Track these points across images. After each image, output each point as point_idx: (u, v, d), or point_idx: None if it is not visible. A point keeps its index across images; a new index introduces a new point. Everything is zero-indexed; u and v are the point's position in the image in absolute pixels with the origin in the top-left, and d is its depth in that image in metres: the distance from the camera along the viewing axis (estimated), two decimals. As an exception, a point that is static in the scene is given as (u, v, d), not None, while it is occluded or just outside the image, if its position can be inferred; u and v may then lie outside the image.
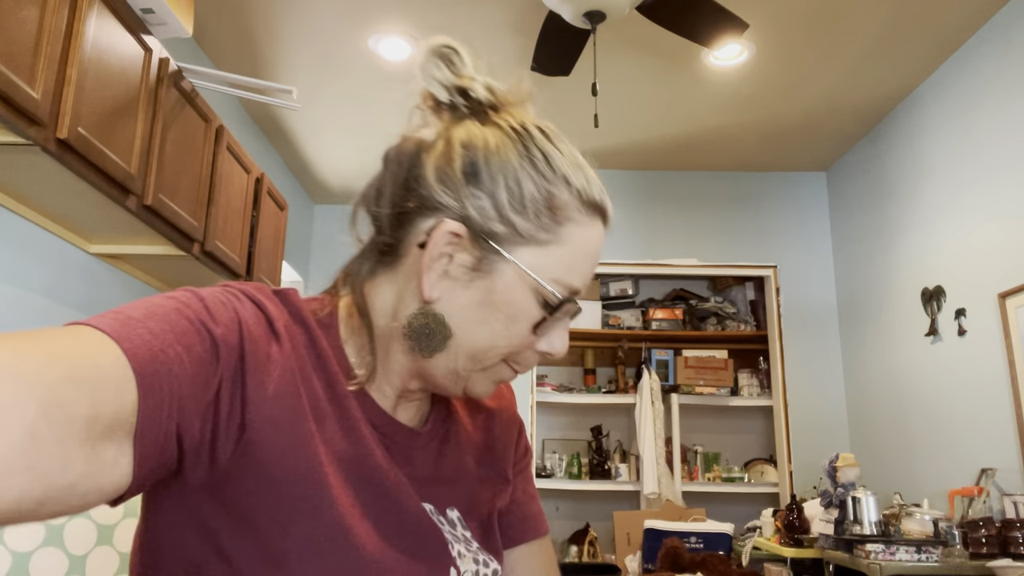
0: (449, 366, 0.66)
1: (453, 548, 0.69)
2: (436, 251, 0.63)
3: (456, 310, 0.64)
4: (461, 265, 0.63)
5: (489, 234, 0.63)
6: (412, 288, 0.65)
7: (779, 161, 4.53)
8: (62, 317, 2.41)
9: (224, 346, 0.56)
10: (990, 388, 3.03)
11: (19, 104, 1.65)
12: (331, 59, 3.47)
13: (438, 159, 0.65)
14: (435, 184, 0.64)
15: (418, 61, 0.68)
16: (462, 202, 0.63)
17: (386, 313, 0.67)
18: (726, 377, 4.57)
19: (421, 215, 0.65)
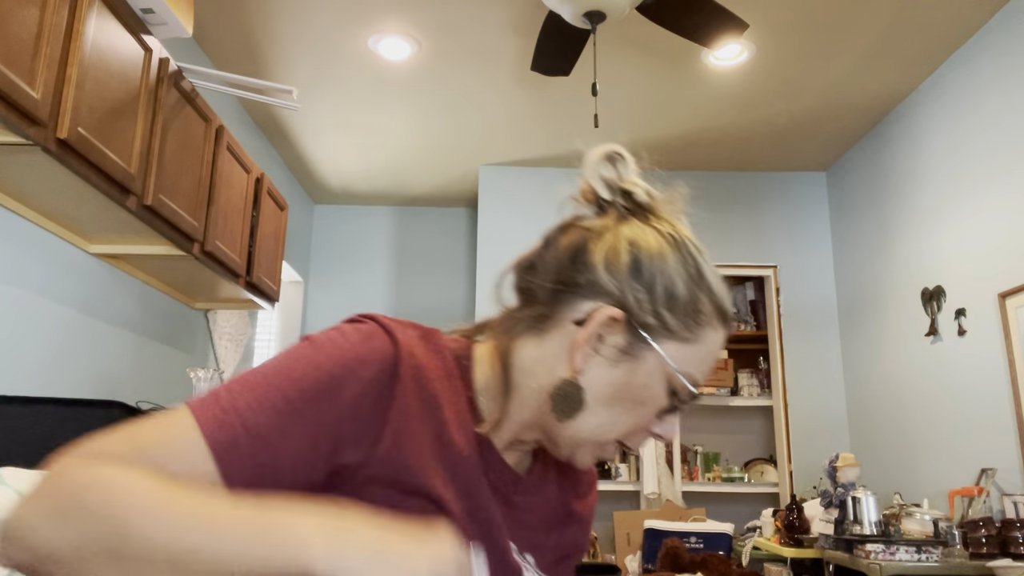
0: (572, 433, 0.73)
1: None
2: (592, 330, 0.70)
3: (596, 385, 0.71)
4: (611, 347, 0.71)
5: (642, 324, 0.71)
6: (560, 356, 0.72)
7: (779, 161, 4.53)
8: (62, 317, 2.41)
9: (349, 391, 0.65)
10: (990, 388, 3.03)
11: (19, 104, 1.65)
12: (331, 59, 3.47)
13: (607, 251, 0.73)
14: (602, 271, 0.72)
15: (589, 159, 0.78)
16: (623, 291, 0.71)
17: (526, 371, 0.74)
18: (726, 377, 4.57)
19: (582, 295, 0.72)
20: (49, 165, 1.86)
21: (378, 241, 5.26)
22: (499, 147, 4.40)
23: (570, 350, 0.71)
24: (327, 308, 5.12)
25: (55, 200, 2.12)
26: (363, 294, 5.16)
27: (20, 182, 2.00)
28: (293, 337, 4.93)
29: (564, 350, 0.72)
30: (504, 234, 4.57)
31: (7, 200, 2.11)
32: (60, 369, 2.41)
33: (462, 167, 4.67)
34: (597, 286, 0.72)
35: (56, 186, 2.01)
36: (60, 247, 2.39)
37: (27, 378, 2.25)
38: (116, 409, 1.93)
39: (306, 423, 0.62)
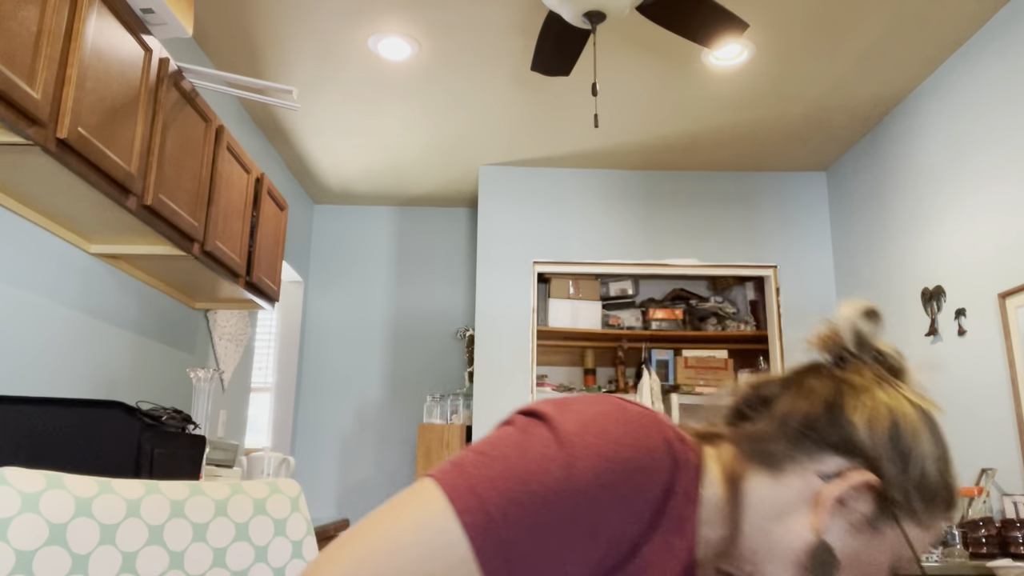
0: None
1: None
2: (844, 490, 0.66)
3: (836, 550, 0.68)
4: (857, 513, 0.67)
5: (892, 500, 0.67)
6: (797, 506, 0.68)
7: (779, 161, 4.54)
8: (62, 317, 2.41)
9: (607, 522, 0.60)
10: (990, 388, 3.03)
11: (19, 104, 1.65)
12: (331, 59, 3.47)
13: (868, 410, 0.69)
14: (864, 431, 0.68)
15: (845, 309, 0.74)
16: (880, 459, 0.67)
17: (757, 508, 0.69)
18: (726, 377, 4.57)
19: (833, 450, 0.68)
20: (49, 165, 1.87)
21: (378, 241, 5.26)
22: (499, 147, 4.40)
23: (812, 503, 0.68)
24: (327, 308, 5.12)
25: (55, 200, 2.12)
26: (363, 294, 5.17)
27: (20, 182, 2.00)
28: (293, 337, 4.94)
29: (803, 501, 0.68)
30: (504, 234, 4.57)
31: (7, 200, 2.11)
32: (60, 369, 2.41)
33: (462, 167, 4.67)
34: (853, 445, 0.68)
35: (56, 186, 2.01)
36: (60, 247, 2.40)
37: (27, 378, 2.25)
38: (116, 409, 1.93)
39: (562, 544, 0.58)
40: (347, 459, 4.93)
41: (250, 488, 1.08)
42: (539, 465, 0.59)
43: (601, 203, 4.65)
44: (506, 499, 0.57)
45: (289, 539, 1.08)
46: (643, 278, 4.92)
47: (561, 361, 4.92)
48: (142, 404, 2.69)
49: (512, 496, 0.57)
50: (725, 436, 0.74)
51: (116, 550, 0.88)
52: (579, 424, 0.62)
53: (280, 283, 3.48)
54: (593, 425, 0.62)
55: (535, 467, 0.59)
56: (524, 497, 0.58)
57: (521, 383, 4.36)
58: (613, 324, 4.74)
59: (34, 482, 0.83)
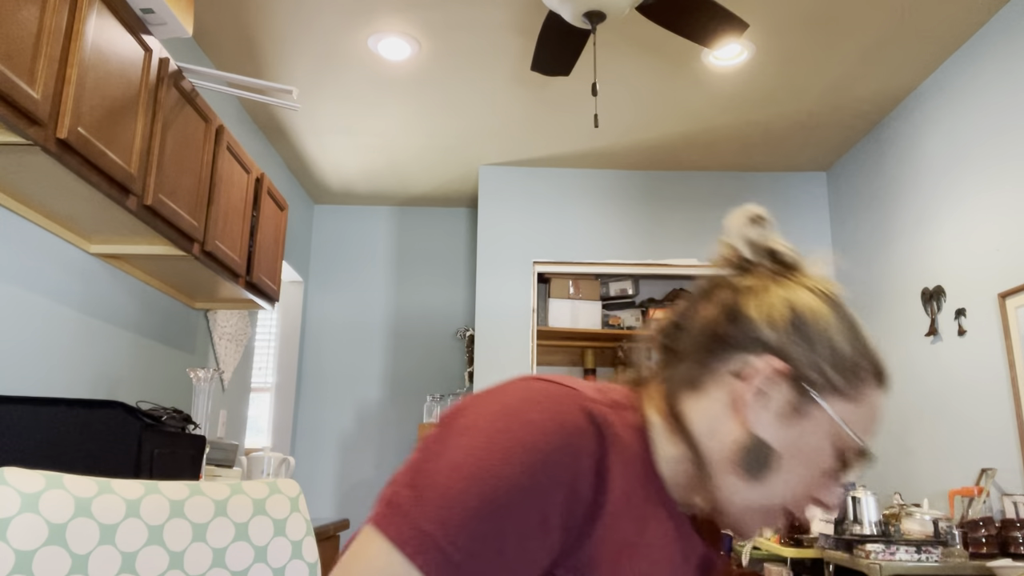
0: (742, 495, 0.71)
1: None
2: (758, 383, 0.69)
3: (774, 444, 0.70)
4: (778, 402, 0.69)
5: (807, 379, 0.69)
6: (726, 413, 0.70)
7: (779, 161, 4.54)
8: (62, 317, 2.41)
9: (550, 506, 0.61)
10: (990, 388, 3.03)
11: (19, 104, 1.65)
12: (331, 59, 3.47)
13: (765, 305, 0.72)
14: (763, 324, 0.71)
15: (732, 222, 0.77)
16: (785, 345, 0.70)
17: (706, 433, 0.71)
18: (726, 377, 4.57)
19: (740, 348, 0.71)
20: (49, 165, 1.87)
21: (378, 241, 5.26)
22: (499, 147, 4.40)
23: (734, 405, 0.70)
24: (327, 308, 5.12)
25: (55, 200, 2.12)
26: (363, 294, 5.17)
27: (20, 182, 2.00)
28: (293, 337, 4.94)
29: (726, 405, 0.70)
30: (504, 234, 4.57)
31: (7, 200, 2.11)
32: (60, 369, 2.41)
33: (462, 167, 4.67)
34: (758, 340, 0.70)
35: (56, 186, 2.01)
36: (60, 247, 2.40)
37: (27, 378, 2.25)
38: (116, 409, 1.93)
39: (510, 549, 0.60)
40: (347, 459, 4.93)
41: (250, 488, 1.08)
42: (471, 481, 0.59)
43: (601, 203, 4.65)
44: (451, 527, 0.58)
45: (289, 539, 1.08)
46: (643, 278, 4.92)
47: (561, 361, 4.92)
48: (142, 404, 2.69)
49: (455, 522, 0.58)
50: (653, 376, 0.77)
51: (116, 550, 0.88)
52: (501, 420, 0.63)
53: (280, 283, 3.48)
54: (514, 419, 0.63)
55: (468, 484, 0.59)
56: (466, 518, 0.58)
57: (521, 383, 4.35)
58: (613, 324, 4.74)
59: (34, 482, 0.83)
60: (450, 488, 0.59)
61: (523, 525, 0.59)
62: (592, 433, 0.64)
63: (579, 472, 0.62)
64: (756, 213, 0.77)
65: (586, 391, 0.69)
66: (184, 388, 3.26)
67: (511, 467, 0.60)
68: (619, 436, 0.67)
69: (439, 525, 0.58)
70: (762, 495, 0.70)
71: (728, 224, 0.77)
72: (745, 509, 0.71)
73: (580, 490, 0.62)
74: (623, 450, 0.67)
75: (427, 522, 0.58)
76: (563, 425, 0.63)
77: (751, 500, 0.70)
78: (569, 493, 0.62)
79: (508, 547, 0.59)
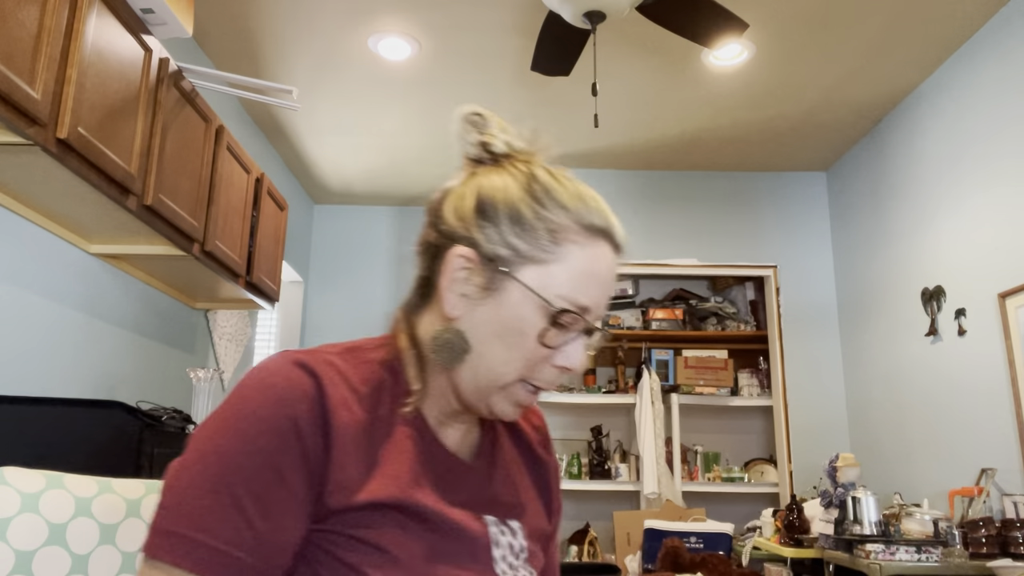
0: (473, 382, 0.75)
1: (498, 565, 0.76)
2: (451, 274, 0.74)
3: (474, 327, 0.74)
4: (475, 286, 0.74)
5: (495, 256, 0.73)
6: (441, 311, 0.76)
7: (779, 161, 4.54)
8: (62, 317, 2.41)
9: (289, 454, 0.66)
10: (990, 388, 3.03)
11: (19, 104, 1.65)
12: (331, 59, 3.47)
13: (456, 200, 0.77)
14: (452, 219, 0.76)
15: (454, 128, 0.81)
16: (470, 230, 0.74)
17: (426, 342, 0.77)
18: (726, 377, 4.57)
19: (444, 248, 0.75)
20: (49, 165, 1.87)
21: (378, 241, 5.26)
22: (499, 147, 4.39)
23: (439, 303, 0.76)
24: (327, 308, 5.12)
25: (55, 200, 2.12)
26: (363, 294, 5.16)
27: (20, 182, 2.00)
28: (293, 337, 4.94)
29: (438, 307, 0.76)
30: (504, 234, 4.56)
31: (7, 200, 2.11)
32: (60, 369, 2.41)
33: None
34: (450, 235, 0.75)
35: (56, 186, 2.01)
36: (60, 247, 2.40)
37: (27, 378, 2.25)
38: (116, 409, 1.93)
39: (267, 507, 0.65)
40: (347, 459, 4.92)
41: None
42: (198, 468, 0.65)
43: (601, 203, 4.65)
44: (191, 516, 0.63)
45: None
46: (643, 278, 4.92)
47: (561, 361, 4.91)
48: (142, 404, 2.69)
49: (191, 509, 0.63)
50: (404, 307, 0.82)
51: (116, 550, 0.88)
52: (220, 410, 0.68)
53: (280, 283, 3.48)
54: (229, 403, 0.68)
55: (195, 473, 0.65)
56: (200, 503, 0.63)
57: (521, 383, 4.35)
58: (613, 324, 4.74)
59: (34, 482, 0.83)
60: (183, 485, 0.64)
61: (258, 485, 0.64)
62: (304, 380, 0.68)
63: (298, 416, 0.66)
64: (471, 112, 0.80)
65: (317, 349, 0.73)
66: (184, 388, 3.26)
67: (227, 439, 0.65)
68: (345, 375, 0.72)
69: (181, 519, 0.63)
70: (486, 377, 0.74)
71: (453, 130, 0.80)
72: (480, 394, 0.75)
73: (305, 430, 0.66)
74: (354, 386, 0.72)
75: (172, 524, 0.63)
76: (271, 385, 0.67)
77: (480, 384, 0.74)
78: (295, 438, 0.66)
79: (252, 509, 0.63)
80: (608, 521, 4.23)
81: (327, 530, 0.68)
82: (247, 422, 0.66)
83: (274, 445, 0.65)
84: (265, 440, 0.65)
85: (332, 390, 0.69)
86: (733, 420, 4.79)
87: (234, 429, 0.66)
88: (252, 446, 0.65)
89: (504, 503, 0.81)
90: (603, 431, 4.58)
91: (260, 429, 0.66)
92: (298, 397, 0.67)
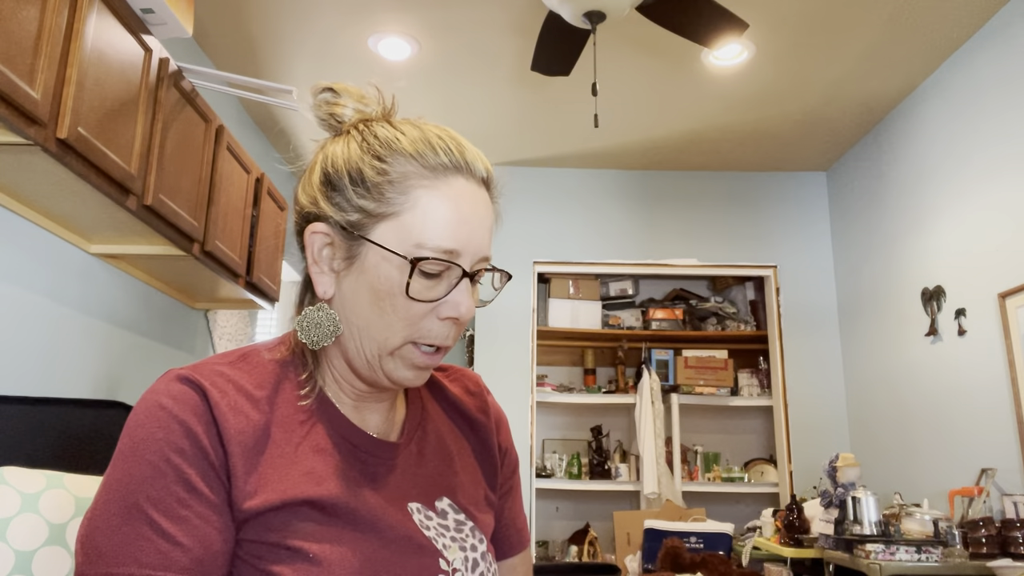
0: (361, 354, 0.73)
1: (438, 542, 0.74)
2: (313, 252, 0.73)
3: (346, 299, 0.73)
4: (339, 259, 0.72)
5: (347, 224, 0.71)
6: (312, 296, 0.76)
7: (779, 161, 4.54)
8: (62, 317, 2.41)
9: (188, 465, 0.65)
10: (990, 388, 3.03)
11: (19, 104, 1.65)
12: (331, 59, 3.47)
13: (304, 180, 0.76)
14: (303, 199, 0.75)
15: (309, 107, 0.79)
16: (320, 205, 0.73)
17: None
18: (726, 377, 4.57)
19: (302, 234, 0.75)
20: (49, 165, 1.86)
21: (378, 241, 5.25)
22: (499, 147, 4.40)
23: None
24: (327, 308, 5.11)
25: (55, 200, 2.12)
26: (363, 294, 5.16)
27: (20, 182, 2.00)
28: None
29: None
30: (504, 234, 4.56)
31: (7, 200, 2.11)
32: (60, 369, 2.41)
33: (462, 167, 4.67)
34: (306, 216, 0.75)
35: (56, 186, 2.01)
36: (60, 247, 2.39)
37: (27, 378, 2.25)
38: (116, 409, 1.93)
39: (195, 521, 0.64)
40: (347, 459, 4.92)
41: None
42: (106, 503, 0.64)
43: (601, 203, 4.65)
44: (105, 553, 0.61)
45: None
46: (643, 278, 4.92)
47: (561, 361, 4.92)
48: (142, 404, 2.68)
49: (105, 547, 0.62)
50: None
51: (116, 550, 0.88)
52: (120, 445, 0.67)
53: (280, 283, 3.48)
54: (126, 438, 0.66)
55: (103, 509, 0.64)
56: (114, 538, 0.62)
57: (521, 383, 4.36)
58: (613, 324, 4.74)
59: (34, 482, 0.83)
60: (95, 527, 0.63)
61: (171, 502, 0.63)
62: (188, 393, 0.67)
63: (191, 427, 0.65)
64: (321, 87, 0.78)
65: (204, 361, 0.73)
66: (184, 388, 3.26)
67: (128, 467, 0.64)
68: (236, 382, 0.70)
69: (100, 561, 0.61)
70: (371, 346, 0.72)
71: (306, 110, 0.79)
72: (371, 365, 0.73)
73: (203, 439, 0.66)
74: (248, 391, 0.70)
75: (95, 569, 0.61)
76: (159, 406, 0.66)
77: (369, 355, 0.73)
78: (195, 448, 0.65)
79: (172, 528, 0.62)
80: (608, 521, 4.23)
81: (245, 540, 0.66)
82: (144, 445, 0.65)
83: (177, 459, 0.64)
84: (167, 457, 0.64)
85: (220, 398, 0.68)
86: (733, 420, 4.79)
87: (133, 457, 0.65)
88: (155, 467, 0.64)
89: (435, 479, 0.79)
90: (603, 431, 4.58)
91: (158, 448, 0.64)
92: (188, 409, 0.66)
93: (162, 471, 0.64)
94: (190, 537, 0.63)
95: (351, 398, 0.77)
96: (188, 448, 0.65)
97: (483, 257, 0.74)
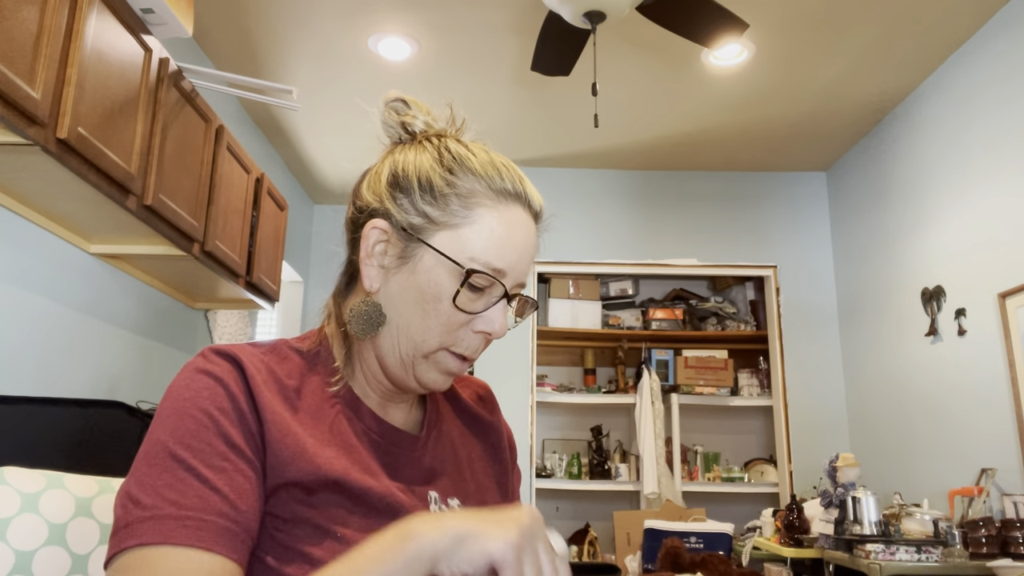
0: (396, 352, 0.76)
1: None
2: (368, 247, 0.76)
3: (392, 296, 0.76)
4: (392, 256, 0.76)
5: (408, 225, 0.75)
6: (363, 288, 0.78)
7: (779, 161, 4.54)
8: (62, 317, 2.41)
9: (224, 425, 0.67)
10: (990, 388, 3.03)
11: (19, 104, 1.65)
12: (331, 59, 3.47)
13: (371, 177, 0.80)
14: (368, 195, 0.78)
15: (378, 114, 0.83)
16: (384, 204, 0.76)
17: (349, 320, 0.78)
18: (726, 377, 4.57)
19: (359, 226, 0.78)
20: (49, 165, 1.86)
21: (378, 241, 5.26)
22: (499, 147, 4.38)
23: (360, 280, 0.78)
24: (327, 308, 5.12)
25: (55, 200, 2.12)
26: (363, 294, 5.16)
27: (20, 182, 2.00)
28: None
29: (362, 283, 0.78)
30: (504, 234, 4.56)
31: (7, 200, 2.11)
32: (60, 369, 2.41)
33: (462, 167, 4.67)
34: (366, 210, 0.78)
35: (56, 186, 2.01)
36: (60, 247, 2.40)
37: (27, 378, 2.25)
38: (116, 409, 1.93)
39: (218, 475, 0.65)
40: (347, 459, 4.92)
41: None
42: (151, 455, 0.65)
43: (601, 203, 4.65)
44: (168, 498, 0.62)
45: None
46: (643, 278, 4.92)
47: (561, 361, 4.92)
48: (142, 404, 2.69)
49: (168, 495, 0.62)
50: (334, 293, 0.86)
51: (116, 550, 0.88)
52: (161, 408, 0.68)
53: (280, 283, 3.48)
54: (167, 401, 0.68)
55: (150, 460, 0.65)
56: (158, 480, 0.63)
57: (521, 383, 4.36)
58: (613, 324, 4.74)
59: (34, 482, 0.83)
60: (136, 481, 0.64)
61: (209, 453, 0.64)
62: (226, 364, 0.70)
63: (231, 391, 0.68)
64: (393, 97, 0.82)
65: (238, 344, 0.74)
66: (184, 388, 3.26)
67: (171, 423, 0.66)
68: (270, 367, 0.73)
69: (140, 507, 0.62)
70: (407, 346, 0.75)
71: (378, 117, 0.83)
72: (404, 365, 0.76)
73: (242, 403, 0.68)
74: (279, 379, 0.73)
75: (133, 515, 0.62)
76: (201, 371, 0.69)
77: (403, 354, 0.75)
78: (234, 410, 0.67)
79: (211, 473, 0.64)
80: (608, 521, 4.23)
81: (271, 513, 0.68)
82: (187, 403, 0.67)
83: (219, 416, 0.66)
84: (210, 412, 0.66)
85: (255, 373, 0.71)
86: (733, 420, 4.79)
87: (175, 415, 0.66)
88: (198, 421, 0.66)
89: (448, 478, 0.82)
90: (603, 431, 4.58)
91: (202, 404, 0.67)
92: (230, 376, 0.69)
93: (205, 425, 0.66)
94: (230, 487, 0.64)
95: (377, 394, 0.80)
96: (230, 409, 0.67)
97: (522, 283, 0.78)
